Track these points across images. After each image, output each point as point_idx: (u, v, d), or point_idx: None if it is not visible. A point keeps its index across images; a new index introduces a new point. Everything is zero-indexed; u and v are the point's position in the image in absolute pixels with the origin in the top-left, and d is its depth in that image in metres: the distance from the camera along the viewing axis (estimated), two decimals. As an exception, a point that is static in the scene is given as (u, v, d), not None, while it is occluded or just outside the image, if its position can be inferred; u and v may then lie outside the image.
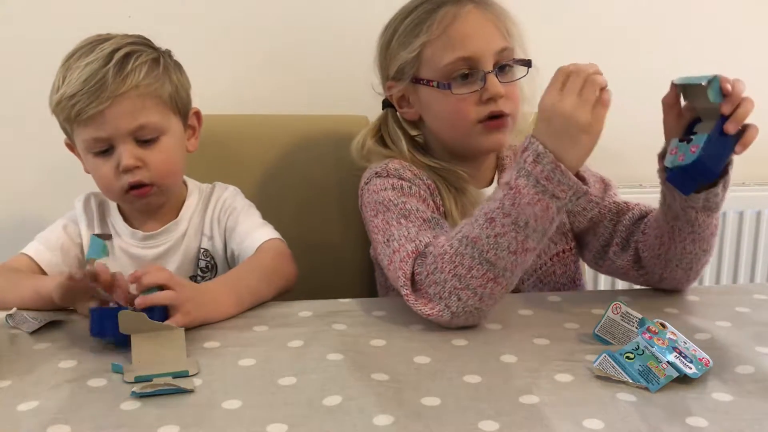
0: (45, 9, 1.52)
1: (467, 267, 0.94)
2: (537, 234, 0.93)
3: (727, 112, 0.92)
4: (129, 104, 1.10)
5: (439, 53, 1.13)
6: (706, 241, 1.04)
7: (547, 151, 0.91)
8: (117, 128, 1.11)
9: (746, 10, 1.70)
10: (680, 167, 0.94)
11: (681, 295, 1.11)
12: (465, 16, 1.13)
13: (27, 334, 0.98)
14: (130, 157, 1.12)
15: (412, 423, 0.75)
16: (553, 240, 1.20)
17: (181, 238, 1.22)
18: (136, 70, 1.11)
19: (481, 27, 1.13)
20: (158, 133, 1.14)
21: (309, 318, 1.04)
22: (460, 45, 1.12)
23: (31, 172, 1.59)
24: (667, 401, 0.79)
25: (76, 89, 1.09)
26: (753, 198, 1.75)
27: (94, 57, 1.10)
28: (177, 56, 1.20)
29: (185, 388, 0.81)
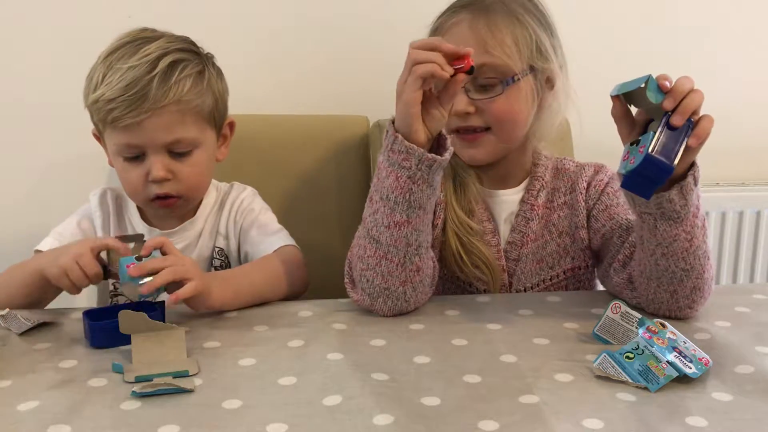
0: (45, 9, 1.52)
1: (364, 248, 1.02)
2: (400, 206, 0.97)
3: (670, 107, 0.90)
4: (168, 117, 1.09)
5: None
6: (680, 258, 0.97)
7: (390, 123, 0.97)
8: (152, 139, 1.10)
9: (746, 10, 1.70)
10: (632, 170, 0.90)
11: (681, 295, 1.10)
12: (451, 29, 1.14)
13: (26, 334, 0.98)
14: (161, 169, 1.11)
15: (412, 423, 0.75)
16: (570, 254, 1.19)
17: (197, 237, 1.23)
18: (180, 83, 1.09)
19: (462, 41, 1.11)
20: (192, 147, 1.14)
21: (309, 318, 1.04)
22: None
23: (30, 172, 1.59)
24: (666, 401, 0.79)
25: (116, 94, 1.07)
26: (753, 198, 1.75)
27: (138, 61, 1.08)
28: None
29: (185, 388, 0.81)
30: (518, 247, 1.19)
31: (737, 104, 1.74)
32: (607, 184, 1.20)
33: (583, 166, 1.23)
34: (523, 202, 1.20)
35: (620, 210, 1.16)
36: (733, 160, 1.77)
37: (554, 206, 1.20)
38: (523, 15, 1.13)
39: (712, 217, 1.74)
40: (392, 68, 1.11)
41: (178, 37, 1.16)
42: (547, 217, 1.20)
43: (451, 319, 1.03)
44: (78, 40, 1.51)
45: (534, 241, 1.19)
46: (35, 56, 1.53)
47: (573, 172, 1.22)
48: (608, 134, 1.75)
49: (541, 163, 1.22)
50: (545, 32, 1.15)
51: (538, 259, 1.19)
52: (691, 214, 0.96)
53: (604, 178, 1.21)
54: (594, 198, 1.19)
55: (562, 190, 1.21)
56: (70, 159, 1.57)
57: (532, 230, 1.19)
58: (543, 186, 1.21)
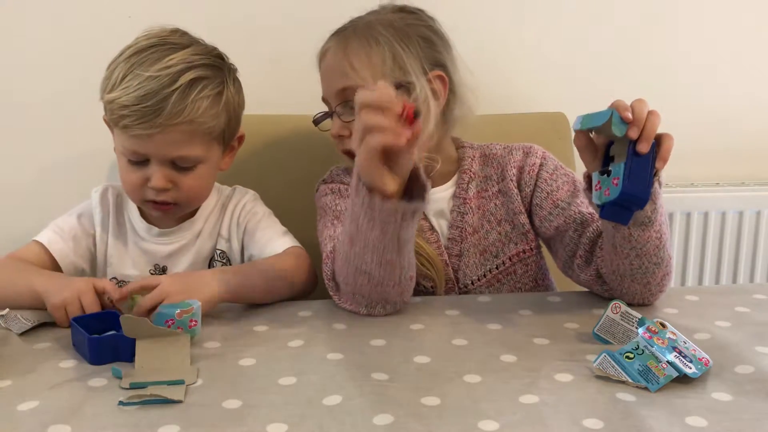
0: (45, 9, 1.52)
1: (353, 277, 1.01)
2: (390, 249, 0.97)
3: (636, 137, 0.91)
4: (177, 135, 1.09)
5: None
6: (652, 255, 1.00)
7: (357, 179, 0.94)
8: (158, 152, 1.10)
9: (746, 9, 1.70)
10: (610, 202, 0.91)
11: (681, 295, 1.11)
12: (324, 56, 1.19)
13: (26, 334, 0.98)
14: (162, 180, 1.11)
15: (412, 423, 0.75)
16: (513, 240, 1.20)
17: (195, 237, 1.23)
18: (196, 104, 1.08)
19: (328, 70, 1.18)
20: (197, 162, 1.14)
21: (309, 318, 1.04)
22: (322, 83, 1.20)
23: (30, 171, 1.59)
24: (666, 401, 0.79)
25: (131, 102, 1.06)
26: (753, 198, 1.74)
27: (159, 72, 1.07)
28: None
29: (172, 399, 0.79)
30: (458, 243, 1.20)
31: (737, 104, 1.75)
32: (541, 167, 1.20)
33: (511, 149, 1.23)
34: (455, 197, 1.21)
35: (562, 195, 1.17)
36: (733, 160, 1.78)
37: (488, 195, 1.21)
38: (382, 36, 1.13)
39: (712, 217, 1.74)
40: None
41: (206, 48, 1.16)
42: (483, 207, 1.21)
43: (451, 319, 1.03)
44: (78, 40, 1.52)
45: (473, 234, 1.20)
46: (35, 56, 1.53)
47: (501, 156, 1.23)
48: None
49: (467, 155, 1.23)
50: (414, 47, 1.14)
51: (480, 251, 1.20)
52: (659, 214, 0.98)
53: (535, 160, 1.21)
54: (530, 184, 1.20)
55: (493, 178, 1.22)
56: (71, 158, 1.57)
57: (468, 224, 1.20)
58: (472, 177, 1.22)
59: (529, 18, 1.65)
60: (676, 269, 1.77)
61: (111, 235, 1.22)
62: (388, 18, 1.17)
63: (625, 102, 0.93)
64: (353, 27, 1.17)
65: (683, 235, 1.75)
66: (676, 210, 1.72)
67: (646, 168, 0.92)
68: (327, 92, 1.19)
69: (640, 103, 0.93)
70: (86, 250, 1.21)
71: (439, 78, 1.15)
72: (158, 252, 1.21)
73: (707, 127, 1.75)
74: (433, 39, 1.17)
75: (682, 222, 1.74)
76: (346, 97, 1.14)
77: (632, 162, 0.91)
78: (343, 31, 1.18)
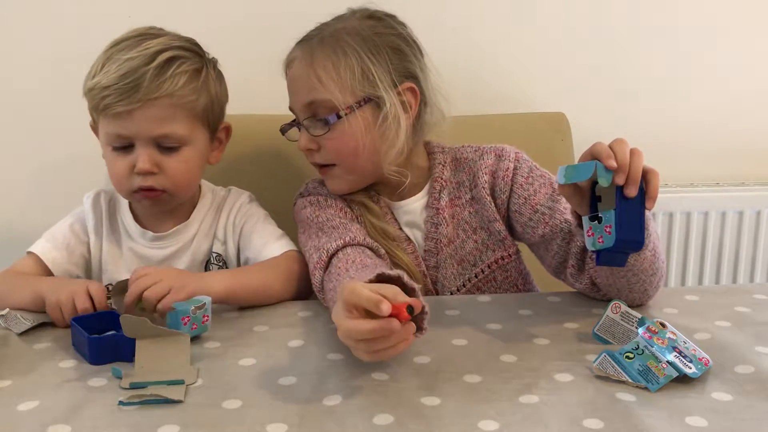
0: (45, 9, 1.52)
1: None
2: None
3: (623, 182, 0.89)
4: (158, 111, 1.09)
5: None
6: (648, 270, 0.99)
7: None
8: (141, 131, 1.10)
9: (746, 9, 1.70)
10: (606, 249, 0.90)
11: (681, 295, 1.11)
12: (290, 65, 1.15)
13: (26, 334, 0.98)
14: (147, 162, 1.11)
15: (412, 423, 0.75)
16: (490, 247, 1.18)
17: (190, 241, 1.22)
18: (175, 78, 1.09)
19: (294, 81, 1.14)
20: (181, 143, 1.13)
21: (309, 318, 1.04)
22: (289, 93, 1.17)
23: (30, 171, 1.59)
24: (666, 401, 0.79)
25: (111, 82, 1.08)
26: (753, 198, 1.74)
27: (137, 53, 1.09)
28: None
29: (172, 399, 0.80)
30: (434, 254, 1.18)
31: (737, 104, 1.75)
32: (515, 172, 1.16)
33: (482, 152, 1.19)
34: (428, 207, 1.18)
35: (541, 199, 1.13)
36: (733, 160, 1.77)
37: (462, 203, 1.19)
38: (350, 47, 1.10)
39: (712, 217, 1.74)
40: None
41: (184, 37, 1.17)
42: (457, 216, 1.18)
43: (451, 319, 1.03)
44: (78, 40, 1.51)
45: (448, 244, 1.17)
46: (35, 56, 1.53)
47: (472, 161, 1.19)
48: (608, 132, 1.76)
49: (438, 161, 1.20)
50: (383, 59, 1.11)
51: (458, 261, 1.18)
52: (653, 234, 0.96)
53: (508, 165, 1.17)
54: (505, 191, 1.16)
55: (465, 184, 1.19)
56: (70, 159, 1.57)
57: (443, 235, 1.17)
58: (444, 185, 1.19)
59: (529, 18, 1.65)
60: (677, 269, 1.77)
61: (105, 240, 1.22)
62: (357, 26, 1.13)
63: (605, 147, 0.90)
64: (320, 36, 1.13)
65: (683, 235, 1.74)
66: (676, 210, 1.72)
67: (637, 210, 0.90)
68: (294, 104, 1.16)
69: (621, 146, 0.90)
70: (80, 258, 1.21)
71: (410, 90, 1.12)
72: (153, 256, 1.21)
73: (707, 127, 1.75)
74: (403, 48, 1.13)
75: (682, 222, 1.74)
76: (313, 110, 1.11)
77: (622, 207, 0.89)
78: (310, 41, 1.14)
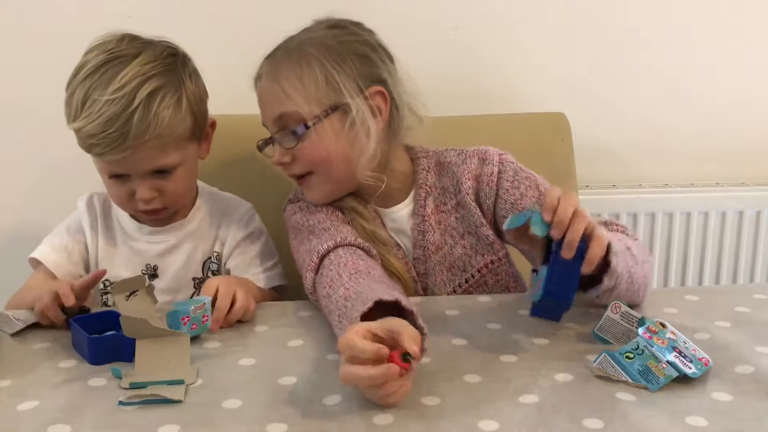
0: (45, 9, 1.52)
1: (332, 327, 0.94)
2: None
3: (557, 237, 0.87)
4: (149, 151, 1.10)
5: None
6: (629, 291, 0.97)
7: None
8: (135, 169, 1.12)
9: (747, 9, 1.70)
10: (535, 302, 0.91)
11: (681, 295, 1.10)
12: (257, 82, 1.15)
13: (26, 334, 0.98)
14: (146, 192, 1.13)
15: (412, 423, 0.75)
16: (479, 252, 1.17)
17: (187, 237, 1.23)
18: (159, 117, 1.08)
19: (263, 94, 1.14)
20: (175, 166, 1.15)
21: (309, 318, 1.04)
22: (260, 108, 1.16)
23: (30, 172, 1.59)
24: (667, 401, 0.79)
25: (96, 130, 1.07)
26: (753, 198, 1.74)
27: (116, 94, 1.06)
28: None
29: (172, 399, 0.80)
30: (423, 262, 1.17)
31: (737, 105, 1.75)
32: (500, 176, 1.15)
33: (465, 156, 1.18)
34: (415, 215, 1.18)
35: (527, 203, 1.13)
36: (733, 160, 1.78)
37: (447, 209, 1.18)
38: (314, 57, 1.10)
39: (712, 217, 1.74)
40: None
41: (156, 48, 1.14)
42: (443, 222, 1.18)
43: (451, 319, 1.03)
44: (78, 40, 1.50)
45: (436, 251, 1.17)
46: (35, 56, 1.53)
47: (455, 165, 1.18)
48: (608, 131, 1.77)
49: (422, 166, 1.19)
50: (348, 66, 1.10)
51: (447, 267, 1.17)
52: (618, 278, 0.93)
53: (492, 169, 1.16)
54: (491, 195, 1.15)
55: (450, 190, 1.18)
56: (70, 159, 1.56)
57: (431, 242, 1.17)
58: (429, 192, 1.18)
59: (530, 18, 1.65)
60: (677, 269, 1.77)
61: (101, 238, 1.23)
62: (320, 36, 1.13)
63: (551, 197, 0.89)
64: (284, 49, 1.13)
65: (683, 235, 1.75)
66: (676, 210, 1.72)
67: (572, 270, 0.88)
68: (265, 119, 1.15)
69: (566, 201, 0.88)
70: (79, 258, 1.22)
71: (379, 93, 1.11)
72: (149, 251, 1.22)
73: (707, 127, 1.75)
74: (368, 54, 1.12)
75: (682, 222, 1.74)
76: (284, 123, 1.11)
77: (556, 264, 0.88)
78: (274, 55, 1.14)
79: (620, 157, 1.74)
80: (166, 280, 1.22)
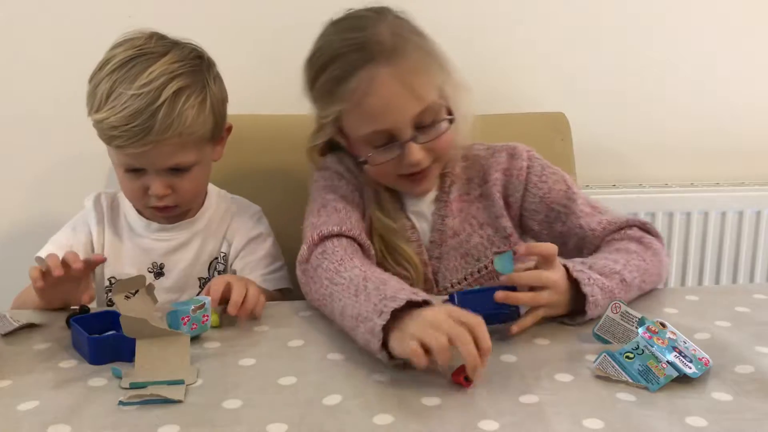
0: (45, 9, 1.52)
1: (330, 297, 0.99)
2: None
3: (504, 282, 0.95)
4: (170, 148, 1.11)
5: (355, 124, 1.11)
6: (636, 294, 1.05)
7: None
8: (153, 164, 1.12)
9: (747, 9, 1.70)
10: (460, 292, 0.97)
11: (681, 295, 1.11)
12: (378, 88, 1.05)
13: (25, 334, 0.98)
14: (161, 188, 1.14)
15: (412, 423, 0.75)
16: (495, 244, 1.19)
17: (194, 236, 1.24)
18: (183, 116, 1.09)
19: (395, 97, 1.06)
20: (192, 165, 1.15)
21: (309, 318, 1.04)
22: (375, 119, 1.08)
23: (30, 172, 1.59)
24: (666, 401, 0.79)
25: (120, 122, 1.07)
26: (753, 198, 1.74)
27: (143, 89, 1.07)
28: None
29: (172, 399, 0.80)
30: (438, 246, 1.18)
31: (737, 105, 1.75)
32: (529, 171, 1.18)
33: (494, 150, 1.21)
34: (437, 201, 1.20)
35: (556, 196, 1.16)
36: (733, 160, 1.77)
37: (470, 198, 1.20)
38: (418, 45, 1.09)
39: (712, 217, 1.74)
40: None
41: (183, 51, 1.14)
42: (465, 210, 1.19)
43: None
44: (78, 40, 1.52)
45: (453, 236, 1.18)
46: (35, 56, 1.53)
47: (483, 159, 1.21)
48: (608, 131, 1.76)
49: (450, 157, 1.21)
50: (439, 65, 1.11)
51: (462, 254, 1.19)
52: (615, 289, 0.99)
53: (521, 164, 1.18)
54: (519, 189, 1.18)
55: (475, 181, 1.20)
56: (70, 159, 1.57)
57: (449, 227, 1.18)
58: (454, 180, 1.20)
59: (530, 18, 1.65)
60: (677, 269, 1.77)
61: (107, 236, 1.23)
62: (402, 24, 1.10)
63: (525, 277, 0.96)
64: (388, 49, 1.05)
65: (683, 235, 1.74)
66: (676, 210, 1.72)
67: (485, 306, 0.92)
68: (393, 123, 1.07)
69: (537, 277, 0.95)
70: (85, 257, 1.21)
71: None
72: (156, 249, 1.23)
73: (707, 127, 1.75)
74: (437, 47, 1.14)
75: (682, 222, 1.74)
76: (425, 117, 1.08)
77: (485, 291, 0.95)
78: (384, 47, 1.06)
79: (620, 157, 1.74)
80: (172, 278, 1.23)
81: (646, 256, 1.08)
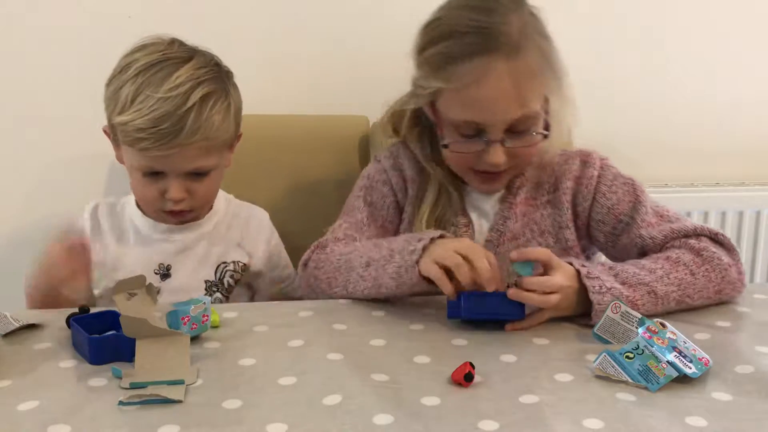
0: (45, 9, 1.52)
1: (333, 284, 1.08)
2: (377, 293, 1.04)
3: (506, 286, 0.97)
4: (194, 152, 1.12)
5: (451, 107, 1.08)
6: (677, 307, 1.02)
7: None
8: (175, 168, 1.13)
9: (747, 9, 1.70)
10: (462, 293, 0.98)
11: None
12: (488, 81, 1.02)
13: (26, 334, 0.98)
14: (179, 192, 1.14)
15: (412, 423, 0.75)
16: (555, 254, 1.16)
17: (200, 238, 1.24)
18: (210, 121, 1.11)
19: (502, 95, 1.03)
20: (211, 169, 1.17)
21: (309, 318, 1.04)
22: (474, 110, 1.06)
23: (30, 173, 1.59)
24: (666, 401, 0.79)
25: (147, 125, 1.08)
26: (753, 198, 1.74)
27: (170, 93, 1.08)
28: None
29: (172, 399, 0.80)
30: (495, 246, 1.16)
31: (737, 104, 1.75)
32: (599, 180, 1.16)
33: (567, 157, 1.18)
34: (502, 201, 1.18)
35: (624, 208, 1.13)
36: (733, 160, 1.77)
37: (537, 204, 1.17)
38: (542, 51, 1.06)
39: (712, 217, 1.74)
40: (392, 68, 1.12)
41: (205, 58, 1.16)
42: (529, 215, 1.17)
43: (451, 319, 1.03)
44: (78, 40, 1.52)
45: (512, 239, 1.16)
46: (35, 56, 1.53)
47: (556, 164, 1.17)
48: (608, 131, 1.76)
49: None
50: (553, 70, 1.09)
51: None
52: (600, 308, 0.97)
53: (593, 172, 1.16)
54: (588, 198, 1.15)
55: (545, 186, 1.18)
56: (70, 159, 1.57)
57: (509, 229, 1.16)
58: (523, 183, 1.18)
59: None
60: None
61: (109, 245, 1.23)
62: (533, 24, 1.07)
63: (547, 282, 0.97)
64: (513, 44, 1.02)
65: (683, 235, 1.74)
66: (676, 210, 1.72)
67: (488, 308, 0.96)
68: (489, 119, 1.05)
69: (551, 282, 0.96)
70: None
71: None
72: (163, 250, 1.23)
73: (707, 127, 1.75)
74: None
75: (682, 222, 1.74)
76: (521, 123, 1.06)
77: (491, 294, 0.96)
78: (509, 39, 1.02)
79: (620, 156, 1.73)
80: (178, 280, 1.23)
81: (698, 269, 1.02)
